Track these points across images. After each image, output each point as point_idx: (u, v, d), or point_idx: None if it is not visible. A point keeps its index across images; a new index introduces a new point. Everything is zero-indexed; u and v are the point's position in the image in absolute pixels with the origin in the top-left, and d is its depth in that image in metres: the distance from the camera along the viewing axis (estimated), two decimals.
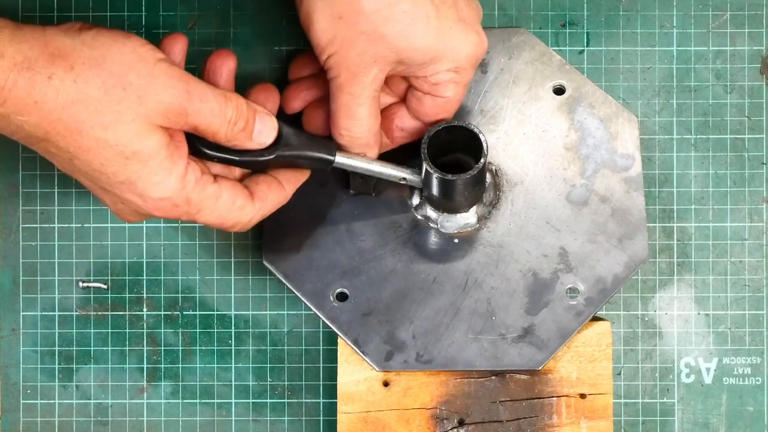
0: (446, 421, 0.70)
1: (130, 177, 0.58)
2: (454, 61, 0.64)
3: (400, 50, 0.62)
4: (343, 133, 0.64)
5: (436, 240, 0.71)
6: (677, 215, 0.76)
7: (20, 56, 0.55)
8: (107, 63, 0.56)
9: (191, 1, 0.76)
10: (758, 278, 0.75)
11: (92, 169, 0.58)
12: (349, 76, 0.62)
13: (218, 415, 0.75)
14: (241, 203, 0.62)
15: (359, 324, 0.69)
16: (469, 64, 0.65)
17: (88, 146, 0.57)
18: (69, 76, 0.55)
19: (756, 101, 0.76)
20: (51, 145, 0.57)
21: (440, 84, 0.65)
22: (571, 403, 0.70)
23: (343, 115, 0.64)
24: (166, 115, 0.58)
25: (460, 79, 0.65)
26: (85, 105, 0.56)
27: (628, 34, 0.76)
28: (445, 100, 0.66)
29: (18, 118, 0.56)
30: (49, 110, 0.55)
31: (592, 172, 0.71)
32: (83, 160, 0.57)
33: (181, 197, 0.60)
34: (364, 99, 0.63)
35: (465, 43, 0.64)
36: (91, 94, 0.56)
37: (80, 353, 0.75)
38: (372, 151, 0.66)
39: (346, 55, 0.62)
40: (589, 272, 0.70)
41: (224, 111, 0.60)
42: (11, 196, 0.76)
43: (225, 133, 0.60)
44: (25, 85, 0.55)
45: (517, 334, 0.69)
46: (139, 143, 0.57)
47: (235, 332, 0.75)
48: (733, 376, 0.75)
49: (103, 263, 0.76)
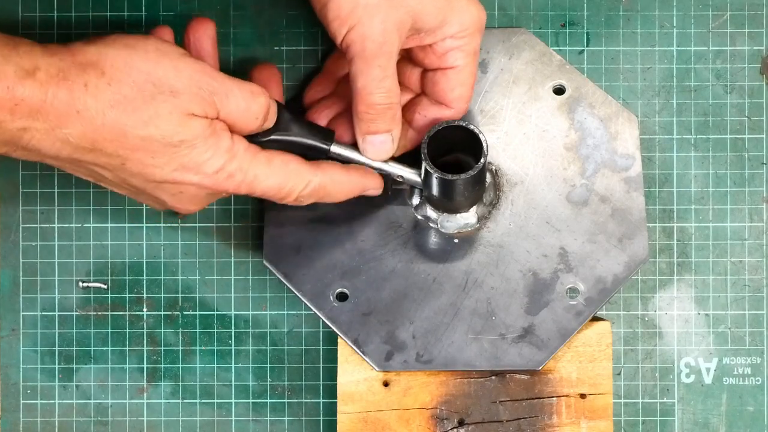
0: (446, 421, 0.70)
1: (182, 161, 0.59)
2: (460, 24, 0.65)
3: (416, 13, 0.63)
4: (377, 108, 0.64)
5: (436, 240, 0.71)
6: (677, 215, 0.76)
7: (54, 69, 0.56)
8: (134, 62, 0.58)
9: (191, 1, 0.76)
10: (758, 278, 0.75)
11: (145, 165, 0.59)
12: (376, 47, 0.62)
13: (218, 415, 0.75)
14: (295, 166, 0.63)
15: (359, 324, 0.69)
16: (474, 28, 0.66)
17: (135, 145, 0.58)
18: (102, 81, 0.57)
19: (756, 101, 0.76)
20: (100, 155, 0.58)
21: (448, 53, 0.66)
22: (571, 403, 0.70)
23: (373, 88, 0.63)
24: (199, 105, 0.59)
25: (467, 46, 0.66)
26: (124, 106, 0.57)
27: (628, 34, 0.76)
28: (455, 70, 0.66)
29: (62, 132, 0.57)
30: (91, 117, 0.57)
31: (592, 172, 0.71)
32: (134, 159, 0.59)
33: (233, 166, 0.61)
34: (391, 70, 0.63)
35: (469, 6, 0.65)
36: (127, 94, 0.57)
37: (80, 353, 0.75)
38: (398, 132, 0.66)
39: (370, 24, 0.61)
40: (589, 272, 0.70)
41: (250, 107, 0.61)
42: (11, 196, 0.76)
43: (249, 128, 0.62)
44: (65, 96, 0.56)
45: (517, 334, 0.69)
46: (182, 131, 0.58)
47: (235, 332, 0.75)
48: (733, 376, 0.75)
49: (103, 263, 0.76)
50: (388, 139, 0.65)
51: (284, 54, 0.76)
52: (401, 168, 0.67)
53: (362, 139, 0.66)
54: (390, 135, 0.65)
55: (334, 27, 0.62)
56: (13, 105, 0.55)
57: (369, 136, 0.65)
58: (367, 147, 0.66)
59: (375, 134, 0.65)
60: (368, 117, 0.64)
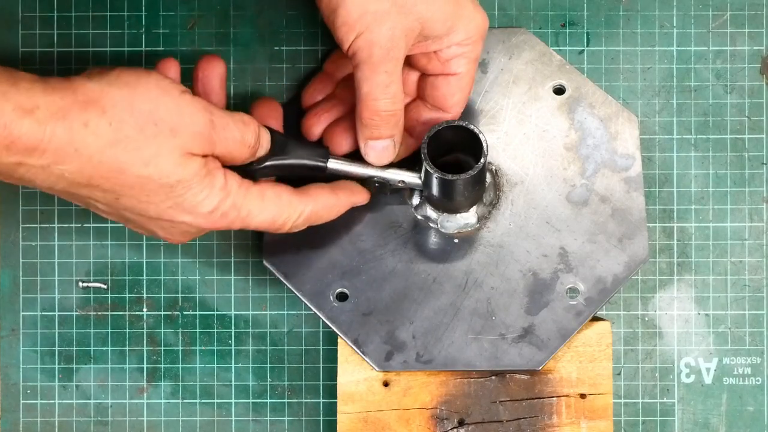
0: (446, 421, 0.70)
1: (176, 201, 0.59)
2: (466, 32, 0.65)
3: (425, 20, 0.63)
4: (381, 114, 0.64)
5: (436, 240, 0.71)
6: (677, 215, 0.76)
7: (54, 107, 0.56)
8: (136, 101, 0.58)
9: (191, 1, 0.76)
10: (758, 278, 0.75)
11: (139, 202, 0.59)
12: (383, 53, 0.62)
13: (218, 415, 0.75)
14: (287, 198, 0.64)
15: (359, 324, 0.69)
16: (478, 36, 0.66)
17: (132, 183, 0.58)
18: (103, 120, 0.56)
19: (756, 101, 0.76)
20: (95, 190, 0.58)
21: (452, 60, 0.66)
22: (571, 403, 0.70)
23: (378, 95, 0.63)
24: (198, 144, 0.59)
25: (471, 53, 0.66)
26: (124, 145, 0.57)
27: (628, 34, 0.76)
28: (457, 77, 0.67)
29: (59, 168, 0.56)
30: (90, 155, 0.56)
31: (592, 172, 0.71)
32: (129, 196, 0.59)
33: (227, 205, 0.61)
34: (396, 77, 0.63)
35: (475, 14, 0.65)
36: (128, 133, 0.57)
37: (80, 353, 0.75)
38: (400, 137, 0.66)
39: (378, 30, 0.61)
40: (589, 272, 0.70)
41: (245, 137, 0.61)
42: (11, 196, 0.76)
43: (243, 158, 0.62)
44: (63, 134, 0.56)
45: (517, 334, 0.69)
46: (180, 172, 0.58)
47: (235, 332, 0.75)
48: (733, 376, 0.75)
49: (103, 263, 0.76)
50: (390, 144, 0.66)
51: (284, 54, 0.76)
52: (401, 173, 0.67)
53: (364, 144, 0.66)
54: (392, 140, 0.66)
55: (342, 33, 0.62)
56: (10, 142, 0.54)
57: (372, 141, 0.65)
58: (369, 152, 0.66)
59: (378, 140, 0.65)
60: (372, 123, 0.64)
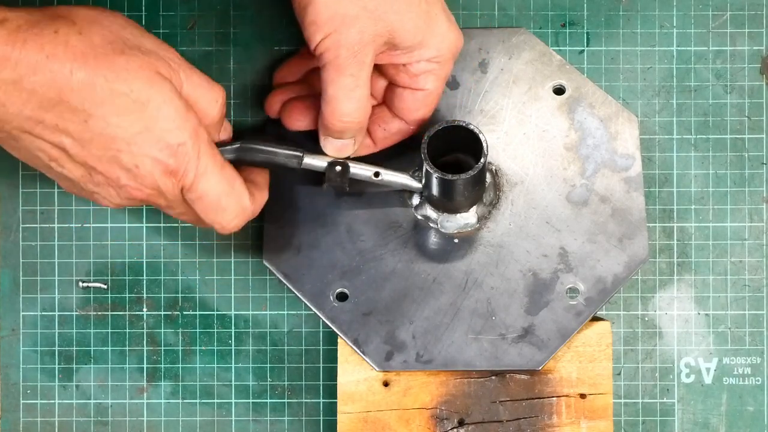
0: (446, 421, 0.70)
1: (147, 124, 0.58)
2: (437, 50, 0.65)
3: (394, 29, 0.63)
4: (344, 119, 0.64)
5: (436, 240, 0.71)
6: (677, 215, 0.76)
7: (22, 19, 0.56)
8: (104, 20, 0.58)
9: (191, 1, 0.76)
10: (758, 278, 0.75)
11: (108, 124, 0.58)
12: (350, 56, 0.62)
13: (218, 415, 0.75)
14: (240, 188, 0.63)
15: (359, 324, 0.69)
16: (450, 55, 0.66)
17: (102, 98, 0.57)
18: (73, 29, 0.56)
19: (756, 101, 0.76)
20: (64, 110, 0.57)
21: (420, 75, 0.66)
22: (571, 403, 0.70)
23: (342, 98, 0.63)
24: (167, 69, 0.59)
25: (440, 71, 0.66)
26: (94, 56, 0.56)
27: (628, 34, 0.76)
28: (424, 93, 0.66)
29: (31, 80, 0.55)
30: (60, 65, 0.56)
31: (592, 172, 0.71)
32: (99, 116, 0.57)
33: (194, 148, 0.60)
34: (363, 81, 0.63)
35: (448, 33, 0.65)
36: (98, 44, 0.57)
37: (80, 353, 0.75)
38: (361, 137, 0.66)
39: (347, 33, 0.61)
40: (589, 272, 0.70)
41: (211, 91, 0.61)
42: (11, 196, 0.76)
43: (211, 115, 0.61)
44: (34, 42, 0.55)
45: (517, 334, 0.69)
46: (151, 89, 0.58)
47: (235, 332, 0.75)
48: (733, 376, 0.75)
49: (103, 263, 0.76)
50: (350, 143, 0.66)
51: (284, 54, 0.76)
52: (373, 168, 0.67)
53: (324, 140, 0.66)
54: (352, 140, 0.66)
55: (311, 31, 0.62)
56: None
57: (331, 138, 0.66)
58: (327, 146, 0.66)
59: (338, 139, 0.66)
60: (334, 127, 0.64)
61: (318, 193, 0.71)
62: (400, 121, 0.68)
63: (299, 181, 0.71)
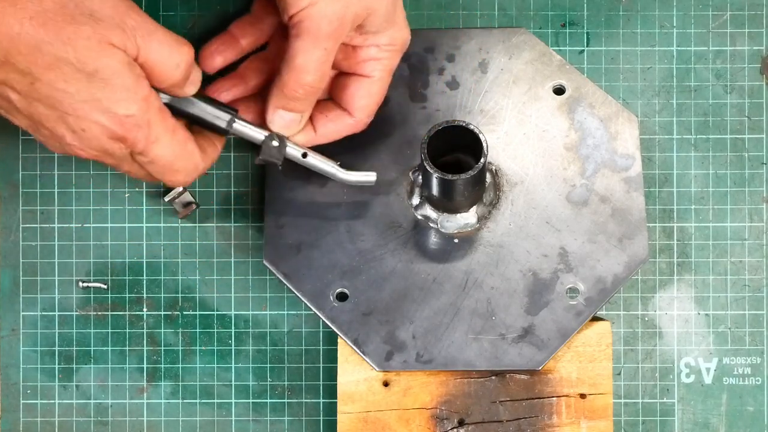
0: (446, 421, 0.70)
1: (94, 95, 0.57)
2: (391, 38, 0.66)
3: (371, 11, 0.63)
4: (306, 88, 0.63)
5: (436, 240, 0.71)
6: (677, 215, 0.76)
7: None
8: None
9: (191, 1, 0.76)
10: (758, 278, 0.75)
11: (55, 89, 0.57)
12: (330, 30, 0.62)
13: (218, 415, 0.75)
14: (191, 148, 0.62)
15: (359, 324, 0.69)
16: (400, 46, 0.67)
17: (49, 64, 0.56)
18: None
19: (756, 101, 0.76)
20: (11, 70, 0.56)
21: (368, 62, 0.66)
22: (571, 403, 0.70)
23: (310, 69, 0.63)
24: (120, 37, 0.57)
25: (388, 61, 0.67)
26: (44, 20, 0.55)
27: (628, 34, 0.76)
28: (369, 80, 0.67)
29: None
30: (9, 25, 0.55)
31: (592, 172, 0.71)
32: (45, 80, 0.57)
33: (144, 118, 0.59)
34: (331, 57, 0.63)
35: (404, 26, 0.66)
36: (48, 8, 0.55)
37: (80, 353, 0.75)
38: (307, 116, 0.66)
39: (333, 6, 0.61)
40: (589, 272, 0.70)
41: (173, 55, 0.59)
42: (11, 196, 0.76)
43: (170, 80, 0.60)
44: None
45: (517, 334, 0.69)
46: (98, 61, 0.56)
47: (235, 332, 0.75)
48: (733, 376, 0.75)
49: (103, 263, 0.76)
50: (298, 118, 0.66)
51: None
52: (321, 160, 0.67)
53: (273, 111, 0.65)
54: (301, 116, 0.66)
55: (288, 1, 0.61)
56: None
57: (282, 111, 0.65)
58: (276, 119, 0.65)
59: (290, 112, 0.65)
60: (295, 95, 0.64)
61: (318, 193, 0.71)
62: (342, 112, 0.68)
63: (299, 181, 0.71)
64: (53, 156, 0.76)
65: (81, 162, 0.76)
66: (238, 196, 0.76)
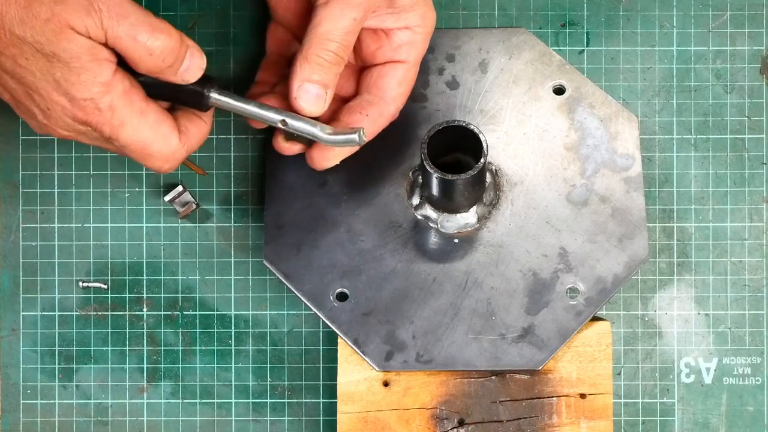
0: (446, 421, 0.70)
1: (54, 76, 0.57)
2: (422, 17, 0.66)
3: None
4: (331, 56, 0.62)
5: (436, 240, 0.71)
6: (677, 215, 0.76)
7: None
8: None
9: (191, 1, 0.76)
10: (758, 278, 0.75)
11: (18, 65, 0.57)
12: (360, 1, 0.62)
13: (218, 415, 0.75)
14: (166, 131, 0.61)
15: (359, 324, 0.69)
16: (430, 28, 0.67)
17: (10, 40, 0.56)
18: None
19: (756, 101, 0.76)
20: None
21: (402, 47, 0.66)
22: (571, 403, 0.70)
23: (336, 37, 0.62)
24: (82, 21, 0.56)
25: (420, 44, 0.67)
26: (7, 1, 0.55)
27: (628, 34, 0.76)
28: (405, 66, 0.67)
29: None
30: None
31: (592, 172, 0.71)
32: (8, 55, 0.56)
33: (105, 102, 0.58)
34: (357, 29, 0.63)
35: (431, 8, 0.66)
36: None
37: (80, 353, 0.75)
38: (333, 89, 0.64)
39: None
40: (589, 272, 0.70)
41: (146, 41, 0.58)
42: (11, 196, 0.76)
43: (146, 66, 0.59)
44: None
45: (517, 334, 0.69)
46: (57, 45, 0.56)
47: (235, 332, 0.75)
48: (733, 376, 0.75)
49: (103, 263, 0.76)
50: (323, 94, 0.63)
51: None
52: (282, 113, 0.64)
53: (299, 86, 0.63)
54: (327, 91, 0.64)
55: None
56: None
57: (308, 83, 0.63)
58: (302, 95, 0.63)
59: (315, 84, 0.63)
60: (318, 62, 0.62)
61: (318, 192, 0.71)
62: (379, 104, 0.67)
63: (299, 181, 0.71)
64: (53, 156, 0.76)
65: (81, 162, 0.76)
66: (238, 196, 0.76)
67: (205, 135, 0.64)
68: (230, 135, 0.76)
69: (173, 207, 0.75)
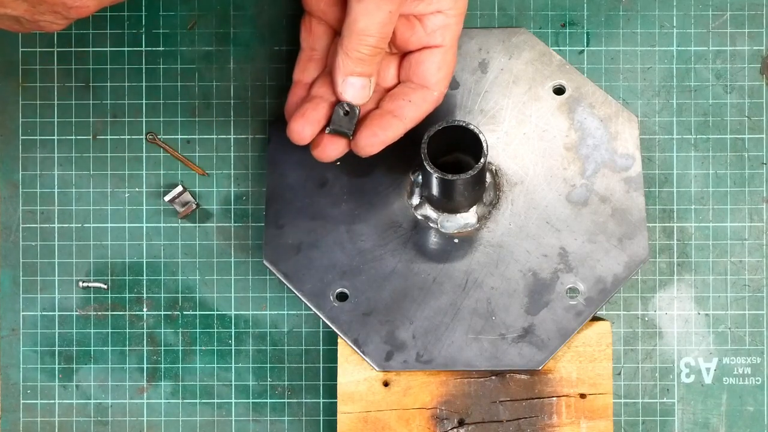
0: (446, 421, 0.70)
1: None
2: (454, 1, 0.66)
3: None
4: (371, 49, 0.64)
5: (436, 240, 0.71)
6: (677, 215, 0.76)
7: None
8: None
9: (191, 1, 0.76)
10: (758, 278, 0.75)
11: None
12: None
13: (218, 415, 0.75)
14: None
15: (359, 324, 0.69)
16: (463, 9, 0.67)
17: None
18: None
19: (756, 101, 0.76)
20: None
21: (436, 31, 0.66)
22: (571, 403, 0.70)
23: (374, 32, 0.63)
24: None
25: (454, 27, 0.67)
26: None
27: (628, 34, 0.76)
28: (442, 49, 0.67)
29: None
30: None
31: (592, 172, 0.71)
32: None
33: None
34: (394, 20, 0.63)
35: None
36: None
37: (80, 353, 0.75)
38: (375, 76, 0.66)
39: None
40: (589, 272, 0.70)
41: None
42: (11, 196, 0.76)
43: None
44: None
45: (517, 334, 0.69)
46: None
47: (235, 332, 0.75)
48: (733, 376, 0.75)
49: (103, 263, 0.76)
50: (367, 83, 0.65)
51: (284, 54, 0.76)
52: None
53: (342, 80, 0.65)
54: (370, 80, 0.65)
55: None
56: None
57: (351, 77, 0.65)
58: (348, 89, 0.65)
59: (358, 77, 0.65)
60: (358, 56, 0.64)
61: (318, 192, 0.71)
62: (422, 90, 0.68)
63: (299, 181, 0.71)
64: (53, 156, 0.76)
65: (81, 162, 0.76)
66: (238, 196, 0.76)
67: None
68: (230, 135, 0.76)
69: (173, 207, 0.75)
